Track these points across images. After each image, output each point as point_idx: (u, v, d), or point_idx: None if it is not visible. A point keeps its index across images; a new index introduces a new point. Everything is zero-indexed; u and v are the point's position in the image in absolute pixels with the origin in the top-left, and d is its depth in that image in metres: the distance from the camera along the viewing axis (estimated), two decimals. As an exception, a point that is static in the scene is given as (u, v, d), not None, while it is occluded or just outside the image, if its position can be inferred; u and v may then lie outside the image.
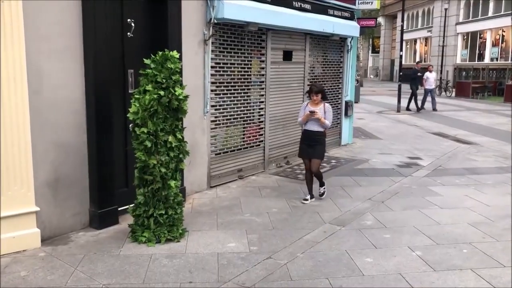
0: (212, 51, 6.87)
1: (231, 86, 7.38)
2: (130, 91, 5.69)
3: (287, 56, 8.63)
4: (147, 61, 4.89)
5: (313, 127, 6.37)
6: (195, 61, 6.52)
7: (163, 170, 4.86)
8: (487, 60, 29.52)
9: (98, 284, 4.03)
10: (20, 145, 4.53)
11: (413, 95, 18.47)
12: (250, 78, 7.79)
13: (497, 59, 28.71)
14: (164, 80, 4.80)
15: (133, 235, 4.99)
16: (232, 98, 7.41)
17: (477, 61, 30.24)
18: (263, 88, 8.09)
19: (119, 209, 5.50)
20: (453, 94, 25.68)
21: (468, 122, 15.15)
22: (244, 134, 7.79)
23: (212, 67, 6.89)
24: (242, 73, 7.57)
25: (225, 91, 7.28)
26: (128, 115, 4.86)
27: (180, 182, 5.18)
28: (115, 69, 5.48)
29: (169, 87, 4.81)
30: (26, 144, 4.57)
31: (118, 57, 5.55)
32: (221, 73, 7.14)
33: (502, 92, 23.03)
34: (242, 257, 4.66)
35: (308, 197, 6.47)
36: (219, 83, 7.12)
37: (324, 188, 6.67)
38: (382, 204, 6.47)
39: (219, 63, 7.08)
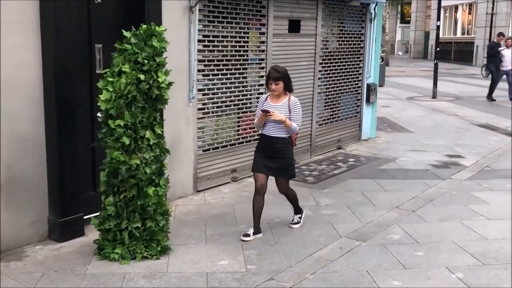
0: (200, 21, 6.97)
1: (223, 65, 7.48)
2: (98, 71, 5.81)
3: (294, 26, 8.72)
4: (126, 34, 4.93)
5: (272, 131, 5.60)
6: (178, 34, 6.59)
7: (148, 171, 4.94)
8: (548, 31, 29.52)
9: (61, 309, 4.18)
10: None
11: (495, 79, 17.50)
12: (247, 55, 7.90)
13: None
14: (145, 61, 4.84)
15: (100, 253, 5.08)
16: (224, 80, 7.51)
17: (535, 33, 30.28)
18: (263, 68, 8.18)
19: (85, 217, 5.64)
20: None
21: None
22: (238, 126, 7.91)
23: (199, 41, 6.99)
24: (237, 48, 7.67)
25: (216, 72, 7.38)
26: (98, 103, 4.90)
27: (165, 187, 5.23)
28: (80, 43, 5.60)
29: (151, 71, 4.86)
30: (-29, 136, 4.69)
31: (83, 29, 5.66)
32: (211, 48, 7.24)
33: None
34: (237, 277, 4.78)
35: (251, 231, 5.68)
36: (208, 61, 7.22)
37: (300, 217, 6.10)
38: (413, 213, 6.60)
39: (208, 36, 7.18)
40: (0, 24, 4.89)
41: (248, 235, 5.61)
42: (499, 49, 17.16)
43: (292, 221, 6.03)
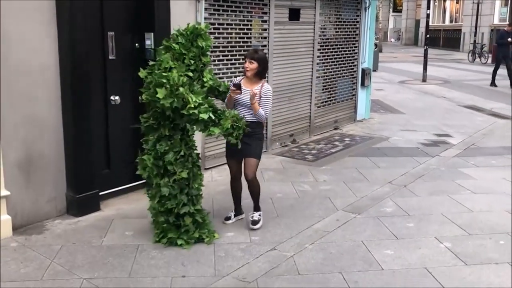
0: (206, 9, 6.90)
1: (228, 51, 7.42)
2: (110, 57, 5.74)
3: (294, 15, 8.64)
4: (175, 32, 4.70)
5: (242, 114, 5.07)
6: (185, 22, 6.47)
7: (194, 154, 4.80)
8: (530, 20, 29.33)
9: (78, 278, 4.16)
10: (-15, 120, 4.60)
11: (505, 67, 16.48)
12: (250, 42, 7.83)
13: (542, 18, 28.52)
14: (192, 62, 4.62)
15: (163, 238, 4.78)
16: (229, 66, 7.45)
17: (519, 21, 30.06)
18: (265, 53, 8.10)
19: (100, 193, 5.61)
20: (489, 60, 25.61)
21: (507, 94, 15.16)
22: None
23: (206, 28, 6.90)
24: (241, 35, 7.60)
25: (221, 57, 7.32)
26: (162, 102, 4.40)
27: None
28: (93, 31, 5.50)
29: (197, 71, 4.65)
30: (-8, 118, 4.64)
31: (96, 17, 5.57)
32: (216, 35, 7.17)
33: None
34: (242, 248, 4.77)
35: (232, 214, 5.43)
36: (214, 47, 7.13)
37: (260, 215, 5.33)
38: (404, 188, 6.58)
39: (214, 24, 7.10)
40: (19, 12, 4.82)
41: (229, 218, 5.37)
42: (509, 39, 16.16)
43: (252, 218, 5.28)
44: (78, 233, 5.01)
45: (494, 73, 16.63)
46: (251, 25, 7.81)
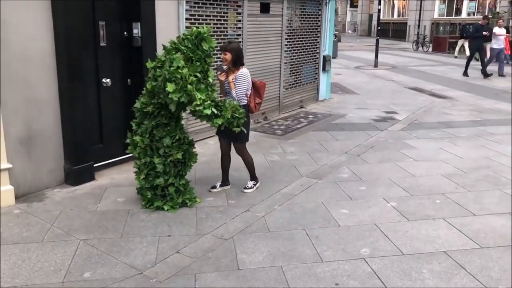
0: (187, 2, 6.68)
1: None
2: (102, 44, 5.53)
3: (265, 8, 8.45)
4: (182, 36, 4.50)
5: (227, 97, 5.04)
6: (168, 13, 6.32)
7: (238, 115, 4.59)
8: (464, 15, 29.51)
9: (75, 239, 4.04)
10: (-12, 100, 4.39)
11: (471, 58, 15.77)
12: (227, 31, 7.64)
13: (474, 13, 28.73)
14: (198, 63, 4.43)
15: (153, 206, 4.66)
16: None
17: (454, 16, 30.23)
18: (240, 42, 7.93)
19: (95, 165, 5.46)
20: (430, 49, 25.78)
21: (444, 77, 15.28)
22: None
23: (186, 19, 6.70)
24: (218, 25, 7.40)
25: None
26: (171, 95, 4.24)
27: None
28: (85, 20, 5.28)
29: (202, 71, 4.46)
30: (-5, 99, 4.44)
31: (88, 7, 5.33)
32: (196, 25, 6.90)
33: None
34: (220, 210, 4.71)
35: (218, 183, 5.29)
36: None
37: (255, 184, 5.30)
38: (358, 157, 6.57)
39: (194, 15, 6.89)
40: (17, 2, 4.59)
41: (215, 187, 5.24)
42: (484, 33, 15.07)
43: (246, 186, 5.27)
44: (75, 200, 4.87)
45: (468, 63, 15.58)
46: (227, 17, 7.60)
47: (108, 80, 5.61)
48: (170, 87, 4.23)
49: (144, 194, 4.72)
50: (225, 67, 5.02)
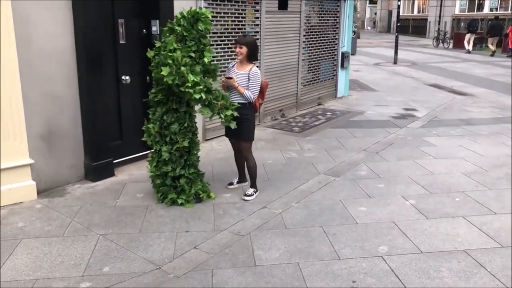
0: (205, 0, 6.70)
1: (225, 36, 7.23)
2: (121, 42, 5.58)
3: (283, 4, 8.42)
4: (178, 14, 4.49)
5: (234, 97, 4.78)
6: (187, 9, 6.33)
7: (229, 112, 4.52)
8: (486, 10, 28.94)
9: (95, 234, 4.09)
10: (11, 97, 4.47)
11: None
12: (245, 28, 7.63)
13: (496, 9, 28.17)
14: (192, 42, 4.41)
15: (167, 199, 4.70)
16: (226, 49, 7.26)
17: (476, 12, 29.68)
18: (258, 39, 7.92)
19: (114, 161, 5.51)
20: (451, 45, 25.38)
21: (465, 74, 15.04)
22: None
23: (205, 16, 6.71)
24: (236, 22, 7.40)
25: (219, 42, 7.13)
26: (165, 79, 4.29)
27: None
28: (105, 18, 5.33)
29: (198, 51, 4.44)
30: (17, 96, 4.52)
31: (108, 5, 5.39)
32: (215, 23, 6.96)
33: (501, 43, 22.73)
34: (237, 207, 4.71)
35: (235, 180, 5.24)
36: (213, 33, 6.96)
37: (255, 191, 5.02)
38: (376, 155, 6.51)
39: (212, 13, 6.86)
40: (39, 4, 4.66)
41: (232, 183, 5.22)
42: None
43: (246, 193, 5.00)
44: (95, 196, 4.93)
45: None
46: (245, 13, 7.60)
47: (127, 77, 5.66)
48: (164, 71, 4.29)
49: (154, 181, 4.77)
50: (232, 65, 4.93)
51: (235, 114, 4.58)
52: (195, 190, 4.76)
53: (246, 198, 4.94)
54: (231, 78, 4.70)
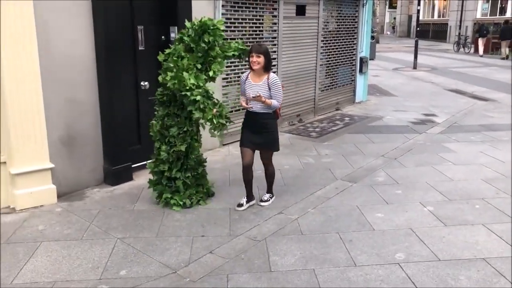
0: (223, 6, 6.75)
1: (243, 42, 7.23)
2: (140, 48, 5.65)
3: (300, 10, 8.42)
4: (188, 24, 4.51)
5: (257, 108, 4.62)
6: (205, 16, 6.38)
7: (222, 121, 4.45)
8: (509, 14, 28.44)
9: (112, 237, 4.14)
10: (32, 102, 4.57)
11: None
12: (262, 34, 7.66)
13: (520, 12, 27.70)
14: (200, 55, 4.43)
15: (161, 198, 4.80)
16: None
17: (498, 15, 29.21)
18: (275, 44, 7.95)
19: (133, 166, 5.58)
20: (472, 50, 25.02)
21: (486, 79, 14.81)
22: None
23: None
24: (254, 28, 7.43)
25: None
26: (168, 84, 4.40)
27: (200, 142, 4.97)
28: (124, 25, 5.42)
29: (205, 63, 4.45)
30: (38, 101, 4.61)
31: (127, 12, 5.47)
32: (232, 29, 7.02)
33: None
34: (253, 212, 4.71)
35: (244, 200, 4.85)
36: (230, 39, 6.95)
37: (271, 197, 4.96)
38: (395, 160, 6.45)
39: (230, 18, 6.95)
40: (59, 8, 4.77)
41: (241, 205, 4.79)
42: None
43: (262, 198, 4.95)
44: (114, 200, 5.00)
45: None
46: (262, 19, 7.62)
47: (146, 83, 5.73)
48: (168, 75, 4.37)
49: (151, 180, 4.91)
50: (245, 75, 4.68)
51: (227, 124, 4.52)
52: (189, 193, 4.81)
53: (263, 203, 4.89)
54: (257, 96, 4.49)
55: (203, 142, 6.54)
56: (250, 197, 4.91)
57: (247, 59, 4.70)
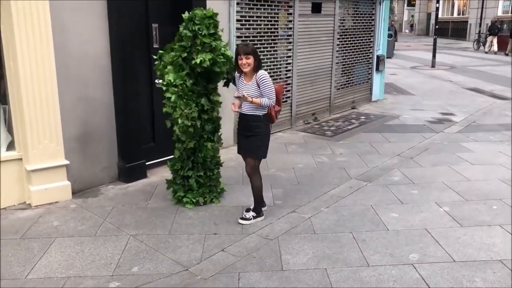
0: (238, 3, 6.74)
1: (257, 40, 7.24)
2: (154, 46, 5.68)
3: (316, 8, 8.37)
4: (184, 16, 4.56)
5: (246, 109, 4.29)
6: (219, 14, 6.32)
7: (206, 128, 4.65)
8: (531, 11, 27.97)
9: (125, 234, 4.17)
10: (48, 100, 4.62)
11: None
12: (277, 32, 7.63)
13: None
14: (188, 44, 4.46)
15: (175, 196, 4.86)
16: (258, 53, 7.26)
17: (520, 13, 28.68)
18: (290, 42, 7.92)
19: (147, 163, 5.61)
20: (493, 48, 24.58)
21: (507, 77, 14.53)
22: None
23: (237, 20, 6.76)
24: (269, 26, 7.41)
25: (251, 46, 7.17)
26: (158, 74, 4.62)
27: (218, 143, 4.90)
28: (139, 23, 5.45)
29: (191, 52, 4.45)
30: (54, 99, 4.66)
31: (142, 11, 5.50)
32: (247, 26, 7.00)
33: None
34: (266, 210, 4.69)
35: (251, 213, 4.49)
36: (245, 37, 6.99)
37: (255, 217, 4.44)
38: (411, 160, 6.37)
39: (245, 16, 6.94)
40: (74, 7, 4.81)
41: (246, 219, 4.45)
42: None
43: (243, 215, 4.46)
44: (127, 197, 5.03)
45: None
46: (278, 17, 7.60)
47: (160, 80, 5.72)
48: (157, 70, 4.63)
49: (168, 179, 4.98)
50: (240, 94, 4.22)
51: (190, 128, 4.52)
52: (203, 191, 4.84)
53: (242, 222, 4.40)
54: (241, 97, 4.18)
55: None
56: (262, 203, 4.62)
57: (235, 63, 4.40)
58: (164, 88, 4.53)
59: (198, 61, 4.38)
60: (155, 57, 4.69)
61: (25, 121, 4.55)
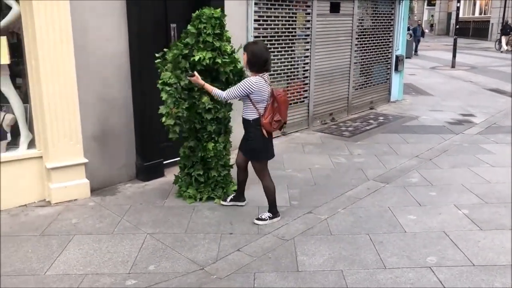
0: (256, 3, 6.73)
1: (275, 40, 7.24)
2: (173, 46, 5.72)
3: (335, 7, 8.33)
4: (194, 14, 4.62)
5: (243, 111, 4.34)
6: (237, 13, 6.40)
7: (208, 129, 4.66)
8: (555, 10, 27.39)
9: (142, 233, 4.21)
10: (67, 99, 4.68)
11: None
12: (295, 32, 7.61)
13: None
14: (192, 40, 4.50)
15: (179, 190, 5.01)
16: (276, 53, 7.27)
17: (544, 12, 28.13)
18: (308, 42, 7.89)
19: (164, 162, 5.64)
20: (515, 48, 24.17)
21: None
22: (287, 90, 7.68)
23: (255, 20, 6.76)
24: (287, 26, 7.39)
25: (269, 46, 7.13)
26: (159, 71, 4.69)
27: (225, 144, 4.90)
28: (158, 23, 5.48)
29: (193, 49, 4.49)
30: (74, 98, 4.72)
31: (161, 11, 5.54)
32: (265, 26, 7.00)
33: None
34: (282, 211, 4.67)
35: (231, 197, 4.80)
36: (263, 37, 6.99)
37: (271, 217, 4.42)
38: (429, 161, 6.29)
39: (263, 16, 6.93)
40: (95, 8, 4.87)
41: (225, 199, 4.81)
42: None
43: (260, 216, 4.46)
44: (145, 195, 5.07)
45: None
46: (296, 17, 7.57)
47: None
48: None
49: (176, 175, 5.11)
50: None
51: (175, 129, 4.65)
52: (203, 189, 4.92)
53: (257, 222, 4.41)
54: (192, 76, 4.32)
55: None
56: (237, 197, 4.80)
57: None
58: (160, 87, 4.60)
59: (197, 58, 4.43)
60: (157, 54, 4.71)
61: (45, 120, 4.62)
